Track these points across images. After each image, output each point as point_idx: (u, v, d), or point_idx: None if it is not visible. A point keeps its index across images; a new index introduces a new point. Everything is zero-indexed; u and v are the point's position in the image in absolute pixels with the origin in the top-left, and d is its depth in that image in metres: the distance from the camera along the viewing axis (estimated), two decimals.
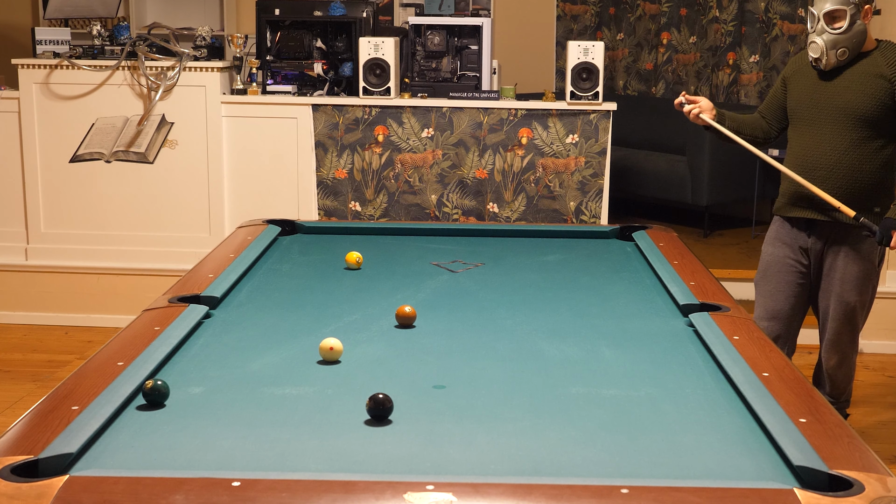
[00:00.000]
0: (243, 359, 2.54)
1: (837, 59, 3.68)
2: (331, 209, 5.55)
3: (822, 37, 3.67)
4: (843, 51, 3.67)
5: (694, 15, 7.74)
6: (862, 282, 3.79)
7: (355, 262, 3.46)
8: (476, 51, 5.57)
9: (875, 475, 1.85)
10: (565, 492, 1.78)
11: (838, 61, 3.69)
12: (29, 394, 4.68)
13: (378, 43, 5.35)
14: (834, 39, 3.65)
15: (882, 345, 5.43)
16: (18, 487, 1.76)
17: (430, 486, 1.78)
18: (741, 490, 1.80)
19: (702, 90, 7.74)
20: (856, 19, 3.65)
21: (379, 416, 2.13)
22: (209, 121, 5.52)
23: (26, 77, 5.56)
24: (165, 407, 2.21)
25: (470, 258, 3.63)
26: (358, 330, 2.79)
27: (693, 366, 2.52)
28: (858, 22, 3.65)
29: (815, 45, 3.70)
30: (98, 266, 5.65)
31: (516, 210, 5.49)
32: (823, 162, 3.73)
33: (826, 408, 2.22)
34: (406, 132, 5.46)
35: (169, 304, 2.88)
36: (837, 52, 3.67)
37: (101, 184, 5.61)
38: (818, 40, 3.68)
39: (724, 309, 2.91)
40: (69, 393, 2.21)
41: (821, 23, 3.66)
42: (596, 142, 5.40)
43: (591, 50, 5.31)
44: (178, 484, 1.79)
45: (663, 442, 2.06)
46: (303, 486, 1.78)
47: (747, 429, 2.12)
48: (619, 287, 3.31)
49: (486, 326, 2.85)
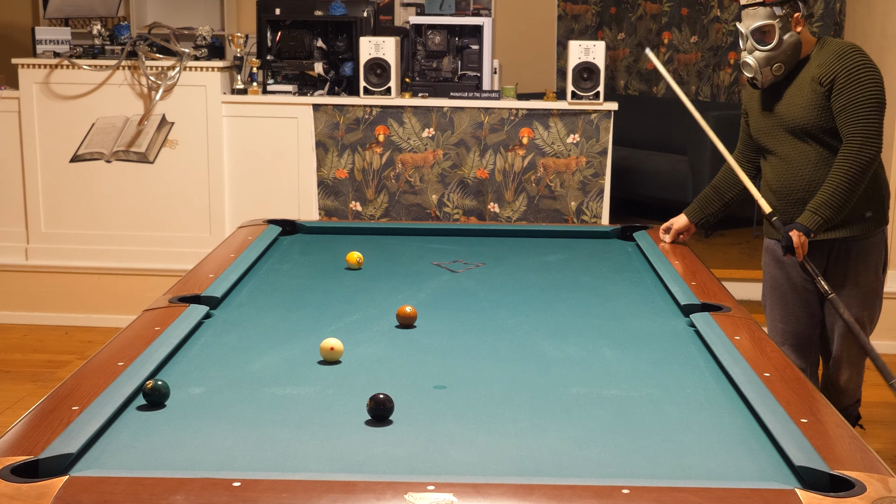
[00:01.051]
0: (244, 359, 2.54)
1: (774, 74, 3.46)
2: (331, 209, 5.55)
3: (754, 55, 3.45)
4: (779, 66, 3.44)
5: (695, 14, 7.74)
6: (869, 296, 3.61)
7: (356, 262, 3.45)
8: (477, 50, 5.56)
9: (876, 475, 1.84)
10: (566, 492, 1.78)
11: (775, 77, 3.47)
12: (29, 394, 4.68)
13: (379, 43, 5.35)
14: (766, 56, 3.43)
15: (883, 345, 5.42)
16: (18, 488, 1.76)
17: (431, 486, 1.78)
18: (742, 490, 1.79)
19: (703, 90, 7.73)
20: (786, 31, 3.41)
21: (380, 417, 2.13)
22: (210, 121, 5.52)
23: (26, 77, 5.56)
24: (166, 407, 2.20)
25: (471, 258, 3.62)
26: (359, 330, 2.79)
27: (694, 366, 2.52)
28: (790, 33, 3.42)
29: (748, 65, 3.48)
30: (98, 266, 5.65)
31: (517, 210, 5.48)
32: (796, 184, 3.51)
33: (827, 408, 2.22)
34: (407, 132, 5.46)
35: (169, 305, 2.88)
36: (773, 69, 3.45)
37: (102, 184, 5.61)
38: (749, 59, 3.47)
39: (726, 309, 2.90)
40: (69, 393, 2.20)
41: (750, 40, 3.45)
42: (597, 142, 5.40)
43: (592, 50, 5.31)
44: (179, 484, 1.78)
45: (664, 442, 2.05)
46: (303, 487, 1.78)
47: (748, 429, 2.12)
48: (620, 287, 3.31)
49: (487, 326, 2.85)
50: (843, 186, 3.33)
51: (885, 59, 5.61)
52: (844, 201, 3.35)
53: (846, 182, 3.33)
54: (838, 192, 3.33)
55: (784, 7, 3.41)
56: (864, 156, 3.33)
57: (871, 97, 3.34)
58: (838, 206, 3.35)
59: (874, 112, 3.35)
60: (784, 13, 3.40)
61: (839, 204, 3.35)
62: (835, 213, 3.36)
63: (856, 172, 3.33)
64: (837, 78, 3.36)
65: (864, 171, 3.34)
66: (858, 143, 3.33)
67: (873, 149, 3.35)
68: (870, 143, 3.34)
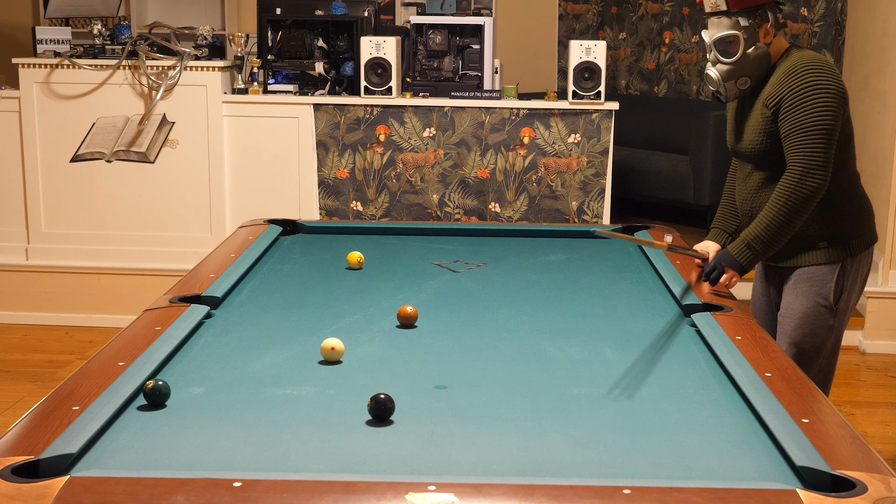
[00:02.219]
0: (244, 359, 2.54)
1: (739, 88, 3.19)
2: (332, 209, 5.55)
3: (717, 67, 3.18)
4: (744, 80, 3.16)
5: (696, 14, 7.73)
6: (808, 323, 3.23)
7: (357, 262, 3.45)
8: (478, 50, 5.56)
9: (878, 475, 1.84)
10: (567, 492, 1.78)
11: (741, 91, 3.19)
12: (29, 394, 4.68)
13: (379, 42, 5.35)
14: (729, 69, 3.15)
15: (884, 345, 5.43)
16: (19, 488, 1.76)
17: (432, 486, 1.78)
18: (744, 491, 1.79)
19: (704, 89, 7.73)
20: (752, 43, 3.11)
21: (380, 417, 2.13)
22: (210, 120, 5.52)
23: (27, 76, 5.56)
24: (166, 407, 2.20)
25: (472, 258, 3.62)
26: (359, 330, 2.78)
27: (695, 366, 2.52)
28: (757, 45, 3.12)
29: (710, 78, 3.22)
30: (99, 266, 5.65)
31: (518, 210, 5.48)
32: (743, 207, 3.33)
33: (828, 408, 2.22)
34: (407, 132, 5.46)
35: (170, 304, 2.87)
36: (738, 83, 3.17)
37: (102, 183, 5.61)
38: (712, 72, 3.20)
39: (727, 309, 2.90)
40: (70, 393, 2.20)
41: (713, 51, 3.18)
42: (598, 141, 5.40)
43: (593, 49, 5.31)
44: (180, 484, 1.78)
45: (665, 442, 2.05)
46: (304, 487, 1.78)
47: (750, 429, 2.11)
48: (621, 287, 3.31)
49: (488, 326, 2.85)
50: (778, 219, 3.06)
51: (887, 59, 5.61)
52: (777, 235, 3.08)
53: (782, 215, 3.06)
54: (772, 224, 3.07)
55: (751, 17, 3.11)
56: (804, 188, 3.03)
57: (816, 122, 3.01)
58: (770, 241, 3.09)
59: (820, 139, 3.01)
60: (750, 24, 3.10)
61: (771, 238, 3.09)
62: (766, 247, 3.11)
63: (793, 205, 3.04)
64: (783, 101, 3.07)
65: (804, 203, 3.04)
66: (799, 174, 3.03)
67: (815, 180, 3.02)
68: (812, 174, 3.02)
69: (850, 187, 3.24)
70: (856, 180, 3.27)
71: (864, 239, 3.26)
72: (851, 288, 3.27)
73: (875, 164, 5.57)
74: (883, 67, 5.66)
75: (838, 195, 3.19)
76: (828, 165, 3.03)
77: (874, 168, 5.54)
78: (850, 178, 3.24)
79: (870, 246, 3.29)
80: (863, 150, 5.67)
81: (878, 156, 5.57)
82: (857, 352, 5.39)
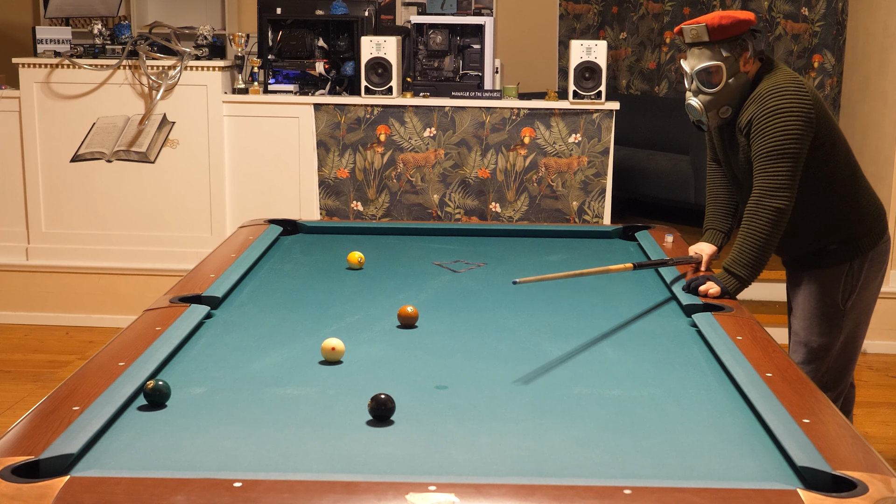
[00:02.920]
0: (245, 359, 2.54)
1: (721, 117, 3.21)
2: (332, 209, 5.54)
3: (699, 97, 3.19)
4: (726, 109, 3.19)
5: (697, 14, 7.73)
6: (819, 321, 3.31)
7: (357, 262, 3.45)
8: (478, 50, 5.56)
9: (879, 476, 1.84)
10: (568, 492, 1.78)
11: (722, 120, 3.22)
12: (30, 394, 4.67)
13: (380, 42, 5.34)
14: (711, 100, 3.17)
15: (885, 345, 5.42)
16: (19, 488, 1.75)
17: (433, 486, 1.77)
18: (744, 491, 1.79)
19: None
20: (733, 73, 3.14)
21: (381, 417, 2.12)
22: (210, 120, 5.52)
23: (27, 76, 5.55)
24: (167, 407, 2.20)
25: (472, 258, 3.62)
26: (360, 330, 2.78)
27: (696, 366, 2.52)
28: (738, 74, 3.15)
29: (692, 108, 3.22)
30: (99, 266, 5.65)
31: (519, 210, 5.48)
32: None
33: (829, 408, 2.21)
34: (408, 131, 5.46)
35: (170, 305, 2.87)
36: (720, 112, 3.19)
37: (103, 183, 5.61)
38: (694, 102, 3.20)
39: (728, 309, 2.90)
40: (70, 393, 2.20)
41: (695, 81, 3.19)
42: (599, 141, 5.40)
43: (593, 49, 5.31)
44: (180, 485, 1.78)
45: (666, 442, 2.05)
46: (305, 487, 1.78)
47: (750, 429, 2.11)
48: (622, 287, 3.31)
49: (489, 326, 2.84)
50: (754, 243, 3.10)
51: (888, 58, 5.60)
52: (758, 258, 3.11)
53: (755, 238, 3.10)
54: (750, 249, 3.10)
55: (731, 47, 3.13)
56: (768, 209, 3.07)
57: (778, 146, 3.05)
58: (753, 264, 3.11)
59: (782, 162, 3.05)
60: (731, 54, 3.13)
61: (753, 261, 3.11)
62: (751, 271, 3.11)
63: (763, 227, 3.08)
64: (752, 125, 3.12)
65: (772, 224, 3.07)
66: (760, 196, 3.09)
67: (778, 202, 3.06)
68: (774, 196, 3.07)
69: (849, 191, 3.26)
70: (853, 183, 3.28)
71: (873, 236, 3.29)
72: (864, 286, 3.31)
73: (876, 164, 5.56)
74: (884, 67, 5.66)
75: (837, 202, 3.24)
76: (790, 187, 3.07)
77: (875, 168, 5.54)
78: (845, 183, 3.26)
79: (879, 241, 3.31)
80: (863, 150, 5.66)
81: (879, 156, 5.57)
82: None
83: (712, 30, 3.12)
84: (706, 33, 3.13)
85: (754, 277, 3.14)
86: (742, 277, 3.11)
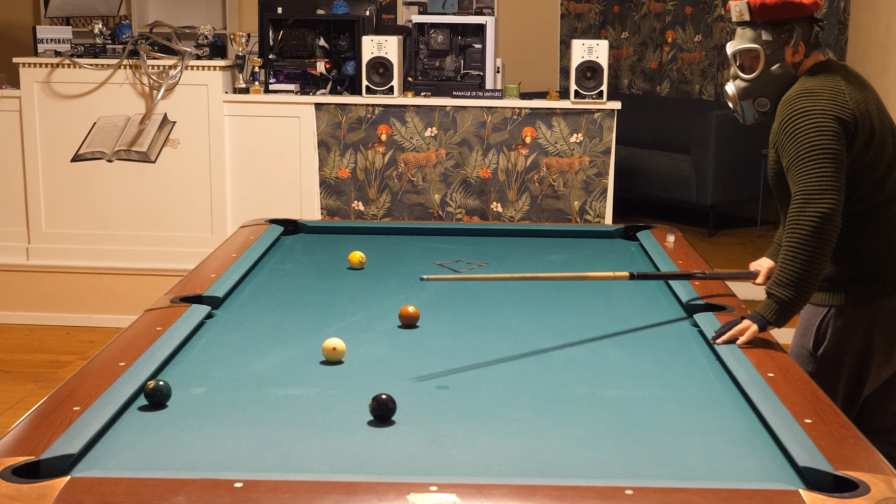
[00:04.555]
0: (246, 359, 2.53)
1: (758, 111, 2.84)
2: (334, 209, 5.54)
3: (735, 83, 2.86)
4: (764, 101, 2.82)
5: (699, 13, 7.73)
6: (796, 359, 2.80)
7: (358, 262, 3.45)
8: (480, 49, 5.56)
9: (881, 476, 1.84)
10: (569, 493, 1.77)
11: (760, 114, 2.86)
12: (30, 394, 4.67)
13: (381, 41, 5.34)
14: (745, 87, 2.82)
15: None
16: (20, 488, 1.75)
17: (434, 486, 1.77)
18: (746, 491, 1.79)
19: (707, 89, 7.72)
20: (775, 61, 2.76)
21: (382, 417, 2.12)
22: (211, 120, 5.51)
23: (28, 76, 5.55)
24: (167, 408, 2.20)
25: (473, 258, 3.61)
26: (361, 330, 2.78)
27: (698, 366, 2.51)
28: (782, 63, 2.76)
29: (726, 93, 2.91)
30: (100, 266, 5.64)
31: (520, 209, 5.48)
32: None
33: (831, 408, 2.21)
34: (409, 131, 5.45)
35: (171, 304, 2.87)
36: (756, 104, 2.83)
37: (103, 183, 5.60)
38: (729, 87, 2.88)
39: (729, 309, 2.89)
40: (71, 393, 2.20)
41: (734, 66, 2.85)
42: (600, 141, 5.39)
43: (595, 48, 5.30)
44: (181, 485, 1.78)
45: (668, 443, 2.05)
46: (305, 487, 1.78)
47: (752, 430, 2.11)
48: (624, 287, 3.30)
49: (490, 327, 2.84)
50: (797, 258, 2.62)
51: (889, 58, 5.60)
52: (803, 275, 2.62)
53: (797, 252, 2.62)
54: (792, 266, 2.63)
55: (776, 32, 2.77)
56: (811, 217, 2.61)
57: (814, 145, 2.63)
58: (796, 283, 2.63)
59: (821, 161, 2.62)
60: (773, 39, 2.76)
61: (797, 279, 2.63)
62: (795, 291, 2.63)
63: (806, 237, 2.61)
64: (778, 134, 2.74)
65: (818, 232, 2.60)
66: (800, 204, 2.63)
67: (821, 206, 2.60)
68: (815, 200, 2.61)
69: (866, 221, 2.79)
70: (877, 215, 2.80)
71: (872, 285, 2.80)
72: (845, 339, 2.81)
73: None
74: (886, 66, 5.66)
75: (846, 228, 2.72)
76: (833, 188, 2.61)
77: None
78: (866, 212, 2.78)
79: (882, 294, 2.80)
80: None
81: None
82: None
83: (755, 8, 2.76)
84: (748, 11, 2.78)
85: (802, 300, 2.66)
86: (783, 300, 2.63)
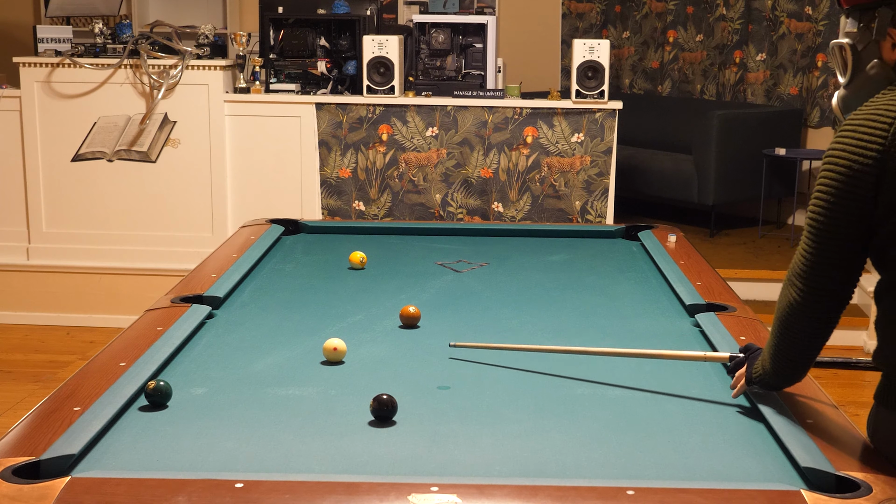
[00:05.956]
0: (246, 359, 2.53)
1: None
2: (334, 208, 5.54)
3: (838, 91, 2.11)
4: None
5: (700, 13, 7.72)
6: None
7: (359, 262, 3.44)
8: (481, 49, 5.55)
9: (882, 476, 1.84)
10: (570, 493, 1.77)
11: None
12: (30, 394, 4.67)
13: (382, 41, 5.34)
14: (843, 96, 2.07)
15: None
16: (20, 489, 1.75)
17: (435, 487, 1.77)
18: (748, 492, 1.78)
19: (708, 88, 7.72)
20: (871, 57, 1.99)
21: (383, 417, 2.12)
22: (212, 120, 5.51)
23: (28, 76, 5.55)
24: (168, 408, 2.19)
25: (474, 258, 3.61)
26: (362, 330, 2.78)
27: (699, 366, 2.51)
28: (880, 62, 1.99)
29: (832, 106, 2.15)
30: (100, 266, 5.64)
31: (521, 209, 5.47)
32: None
33: (833, 409, 2.20)
34: (410, 131, 5.45)
35: (171, 305, 2.87)
36: None
37: (104, 183, 5.60)
38: (833, 98, 2.13)
39: (731, 309, 2.89)
40: (71, 394, 2.20)
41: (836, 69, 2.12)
42: (601, 141, 5.39)
43: (596, 48, 5.30)
44: (181, 485, 1.78)
45: (669, 443, 2.04)
46: (306, 488, 1.77)
47: (753, 430, 2.11)
48: (625, 287, 3.30)
49: (491, 326, 2.84)
50: (769, 341, 2.10)
51: None
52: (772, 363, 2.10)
53: (774, 336, 2.08)
54: (767, 347, 2.13)
55: (863, 18, 2.01)
56: (781, 302, 2.04)
57: (811, 211, 1.97)
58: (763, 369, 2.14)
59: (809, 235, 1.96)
60: (862, 28, 2.01)
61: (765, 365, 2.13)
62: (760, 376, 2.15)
63: (775, 323, 2.06)
64: None
65: (783, 323, 2.03)
66: (785, 279, 2.03)
67: (792, 292, 1.99)
68: (791, 284, 2.00)
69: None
70: None
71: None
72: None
73: None
74: None
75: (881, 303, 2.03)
76: (813, 274, 1.95)
77: None
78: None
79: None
80: None
81: None
82: (862, 352, 5.37)
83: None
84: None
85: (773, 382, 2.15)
86: (763, 371, 2.14)
